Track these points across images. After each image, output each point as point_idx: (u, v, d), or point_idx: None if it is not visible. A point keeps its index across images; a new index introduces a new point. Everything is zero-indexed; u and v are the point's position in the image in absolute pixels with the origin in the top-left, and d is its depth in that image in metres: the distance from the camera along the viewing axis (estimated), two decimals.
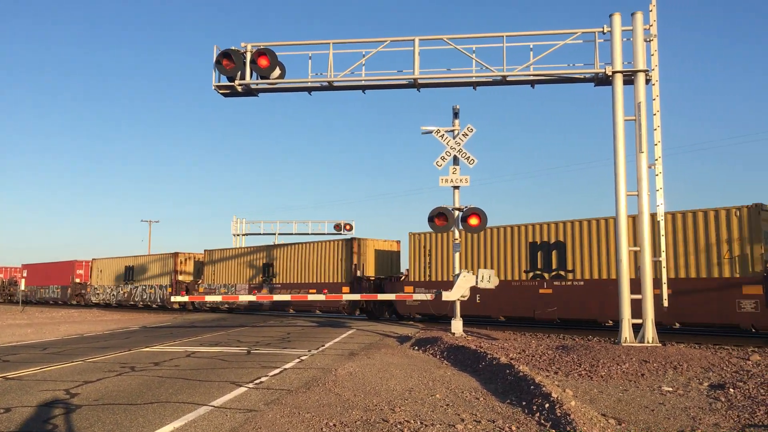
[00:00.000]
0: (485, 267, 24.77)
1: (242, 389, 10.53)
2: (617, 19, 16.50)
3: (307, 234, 51.44)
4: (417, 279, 27.75)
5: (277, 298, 26.15)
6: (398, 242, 33.53)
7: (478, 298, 24.46)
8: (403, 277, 28.96)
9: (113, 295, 47.71)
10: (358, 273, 30.44)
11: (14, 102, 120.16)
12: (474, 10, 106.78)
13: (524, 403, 9.17)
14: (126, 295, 46.40)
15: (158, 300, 43.85)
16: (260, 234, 52.51)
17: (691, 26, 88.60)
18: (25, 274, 59.37)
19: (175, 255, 42.77)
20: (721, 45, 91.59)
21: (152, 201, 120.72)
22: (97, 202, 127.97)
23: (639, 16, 16.32)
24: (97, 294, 49.61)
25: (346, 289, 30.45)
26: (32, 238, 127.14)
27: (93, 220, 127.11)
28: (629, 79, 16.46)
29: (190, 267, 43.23)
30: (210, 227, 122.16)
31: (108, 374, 12.27)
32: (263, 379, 11.70)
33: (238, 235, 52.36)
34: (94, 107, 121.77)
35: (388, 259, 32.82)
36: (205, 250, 40.77)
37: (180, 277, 42.69)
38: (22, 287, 53.21)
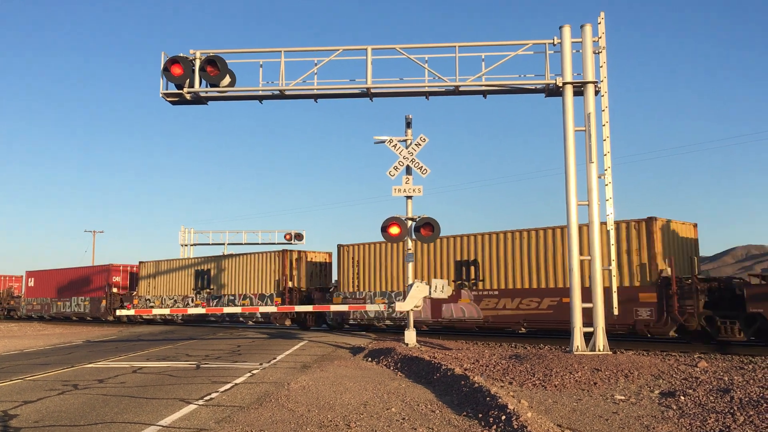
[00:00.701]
0: None
1: (192, 407, 10.19)
2: (567, 31, 16.72)
3: (257, 244, 50.81)
4: None
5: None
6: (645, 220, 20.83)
7: None
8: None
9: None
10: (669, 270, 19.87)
11: None
12: (427, 20, 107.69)
13: (480, 415, 9.09)
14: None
15: (258, 315, 32.00)
16: (209, 244, 51.64)
17: (640, 39, 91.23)
18: (31, 284, 48.91)
19: (283, 253, 30.51)
20: (668, 57, 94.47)
21: (95, 211, 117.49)
22: (33, 211, 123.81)
23: (588, 29, 16.57)
24: (153, 308, 37.70)
25: (649, 296, 20.13)
26: None
27: (28, 230, 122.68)
28: (579, 90, 16.69)
29: (302, 269, 32.44)
30: (156, 238, 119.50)
31: (49, 393, 11.75)
32: (213, 395, 11.37)
33: (186, 245, 51.37)
34: (35, 112, 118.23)
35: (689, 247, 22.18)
36: (339, 246, 29.14)
37: (291, 283, 31.64)
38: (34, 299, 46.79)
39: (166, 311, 24.65)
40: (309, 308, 24.49)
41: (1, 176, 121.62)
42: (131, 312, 24.98)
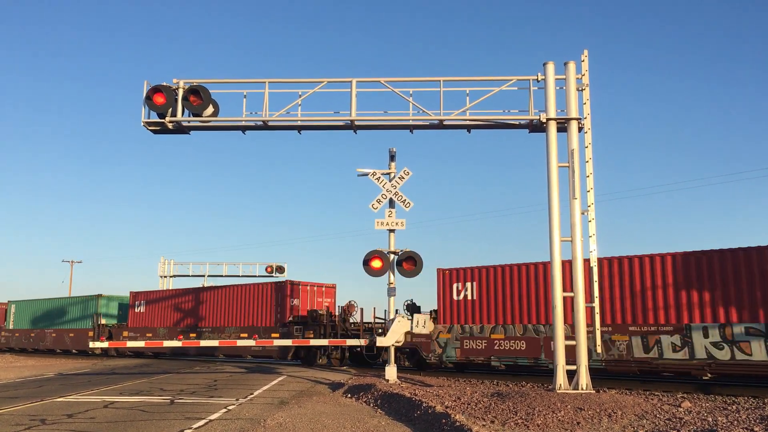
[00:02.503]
0: None
1: None
2: (551, 67, 16.81)
3: (238, 276, 50.26)
4: None
5: None
6: None
7: None
8: None
9: None
10: None
11: None
12: (412, 54, 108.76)
13: None
14: None
15: None
16: (189, 276, 50.98)
17: (623, 71, 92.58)
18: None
19: None
20: (652, 92, 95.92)
21: (71, 240, 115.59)
22: (9, 240, 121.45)
23: (572, 66, 16.67)
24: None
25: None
26: None
27: (6, 259, 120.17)
28: (563, 126, 16.71)
29: None
30: (133, 268, 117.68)
31: (15, 428, 11.31)
32: None
33: (165, 276, 50.70)
34: (14, 138, 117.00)
35: None
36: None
37: None
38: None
39: (141, 344, 24.04)
40: (288, 342, 24.12)
41: None
42: (105, 344, 24.36)
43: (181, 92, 17.93)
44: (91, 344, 23.83)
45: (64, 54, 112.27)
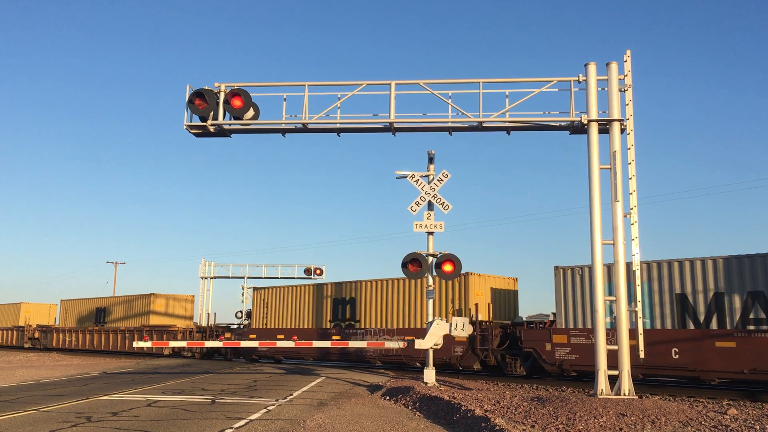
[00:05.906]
0: None
1: None
2: (592, 68, 16.59)
3: (277, 278, 50.65)
4: None
5: None
6: None
7: None
8: None
9: None
10: None
11: None
12: (451, 56, 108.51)
13: None
14: None
15: None
16: (228, 277, 51.54)
17: (667, 75, 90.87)
18: None
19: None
20: (694, 96, 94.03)
21: (116, 242, 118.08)
22: (58, 242, 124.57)
23: (614, 66, 16.42)
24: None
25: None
26: None
27: (55, 261, 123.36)
28: (605, 127, 16.47)
29: None
30: (174, 270, 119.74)
31: (62, 425, 11.58)
32: (228, 431, 11.12)
33: (206, 278, 51.34)
34: (59, 144, 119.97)
35: None
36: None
37: None
38: None
39: (183, 343, 24.37)
40: (327, 344, 24.21)
41: (31, 209, 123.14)
42: (148, 344, 24.77)
43: (222, 96, 18.16)
44: (135, 344, 24.22)
45: (106, 59, 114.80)
